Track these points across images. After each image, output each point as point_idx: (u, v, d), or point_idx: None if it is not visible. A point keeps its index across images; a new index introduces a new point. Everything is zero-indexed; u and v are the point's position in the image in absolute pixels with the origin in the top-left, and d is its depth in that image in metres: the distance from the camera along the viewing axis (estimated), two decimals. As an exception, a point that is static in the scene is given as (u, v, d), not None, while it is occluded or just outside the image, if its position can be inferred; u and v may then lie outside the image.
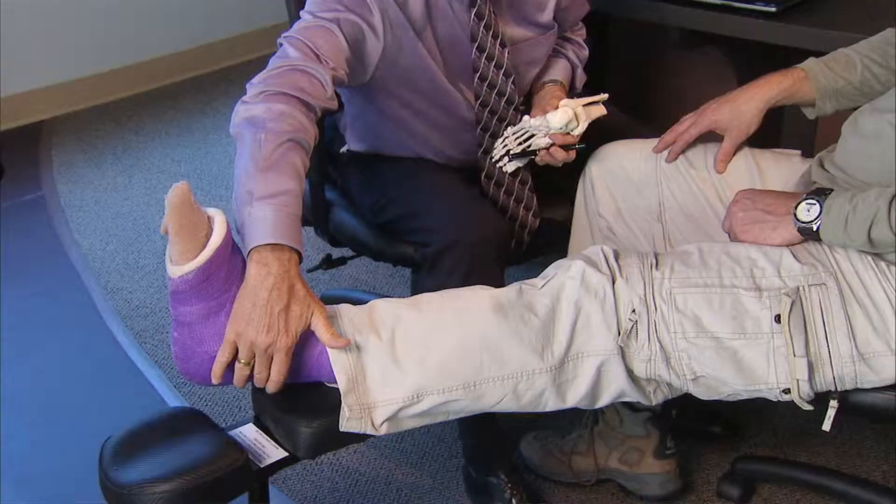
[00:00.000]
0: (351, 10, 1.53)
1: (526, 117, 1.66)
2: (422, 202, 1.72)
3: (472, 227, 1.62)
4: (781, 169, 1.57)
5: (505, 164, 1.71)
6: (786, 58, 1.80)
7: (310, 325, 1.27)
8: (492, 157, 1.71)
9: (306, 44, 1.48)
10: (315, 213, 1.91)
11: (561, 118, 1.61)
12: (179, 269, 1.22)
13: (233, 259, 1.26)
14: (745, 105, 1.59)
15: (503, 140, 1.70)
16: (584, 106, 1.65)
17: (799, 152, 1.62)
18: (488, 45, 1.67)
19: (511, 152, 1.69)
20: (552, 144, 1.64)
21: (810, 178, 1.45)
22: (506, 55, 1.69)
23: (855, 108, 1.47)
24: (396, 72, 1.65)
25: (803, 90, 1.57)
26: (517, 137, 1.68)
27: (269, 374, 1.27)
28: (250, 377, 1.27)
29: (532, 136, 1.66)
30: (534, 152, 1.67)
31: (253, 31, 3.98)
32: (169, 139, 3.40)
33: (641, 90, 2.64)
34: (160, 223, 1.26)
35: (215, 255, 1.23)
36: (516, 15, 1.72)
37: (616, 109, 1.95)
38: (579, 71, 1.89)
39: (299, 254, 1.28)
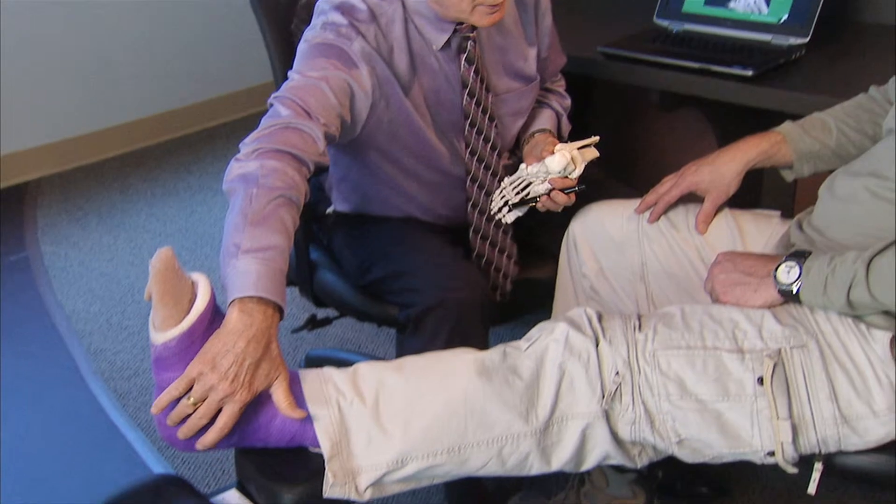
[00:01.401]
0: (338, 68, 1.56)
1: (522, 165, 1.67)
2: (406, 263, 1.73)
3: (457, 288, 1.63)
4: (761, 230, 1.59)
5: (504, 216, 1.70)
6: (764, 119, 1.84)
7: (270, 388, 1.24)
8: (490, 210, 1.71)
9: (296, 102, 1.50)
10: (300, 274, 1.91)
11: (559, 161, 1.62)
12: (162, 335, 1.22)
13: (216, 324, 1.26)
14: (725, 167, 1.62)
15: (501, 191, 1.69)
16: (578, 149, 1.66)
17: (778, 213, 1.64)
18: (478, 90, 1.69)
19: (510, 202, 1.68)
20: (552, 189, 1.63)
21: (789, 240, 1.47)
22: (490, 100, 1.72)
23: (831, 171, 1.49)
24: (384, 128, 1.67)
25: (781, 153, 1.59)
26: (515, 187, 1.67)
27: (210, 425, 1.22)
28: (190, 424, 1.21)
29: (530, 183, 1.66)
30: (534, 199, 1.66)
31: (239, 91, 4.02)
32: (154, 199, 3.41)
33: (624, 151, 2.67)
34: (145, 283, 1.26)
35: (198, 322, 1.23)
36: (501, 66, 1.75)
37: (599, 169, 1.98)
38: (564, 119, 1.92)
39: (282, 311, 1.27)
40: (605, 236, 1.69)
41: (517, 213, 1.70)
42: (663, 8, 2.23)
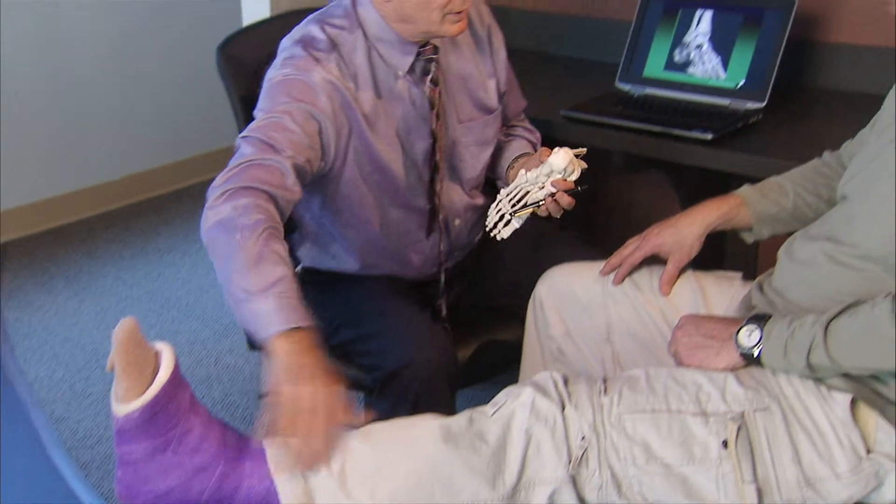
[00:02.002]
0: (300, 100, 1.56)
1: (522, 171, 1.65)
2: (374, 325, 1.73)
3: (423, 352, 1.63)
4: (723, 291, 1.61)
5: (500, 231, 1.65)
6: (725, 181, 1.88)
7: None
8: (486, 227, 1.68)
9: (260, 139, 1.51)
10: (266, 339, 1.90)
11: (563, 158, 1.60)
12: (125, 407, 1.21)
13: (180, 394, 1.25)
14: (687, 229, 1.64)
15: (496, 205, 1.65)
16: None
17: (740, 274, 1.66)
18: (444, 112, 1.73)
19: (507, 214, 1.65)
20: (553, 193, 1.62)
21: (751, 302, 1.49)
22: (457, 125, 1.75)
23: (791, 233, 1.52)
24: (350, 158, 1.67)
25: (741, 215, 1.62)
26: (511, 198, 1.64)
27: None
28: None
29: (527, 192, 1.64)
30: (536, 204, 1.63)
31: (207, 152, 4.03)
32: (122, 262, 3.39)
33: (589, 211, 2.71)
34: (110, 348, 1.26)
35: (161, 393, 1.22)
36: (464, 94, 1.78)
37: (565, 233, 2.01)
38: (539, 147, 1.94)
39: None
40: (571, 298, 1.70)
41: (515, 224, 1.65)
42: (625, 72, 2.28)
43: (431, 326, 1.72)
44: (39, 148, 3.59)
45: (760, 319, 1.33)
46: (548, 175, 1.62)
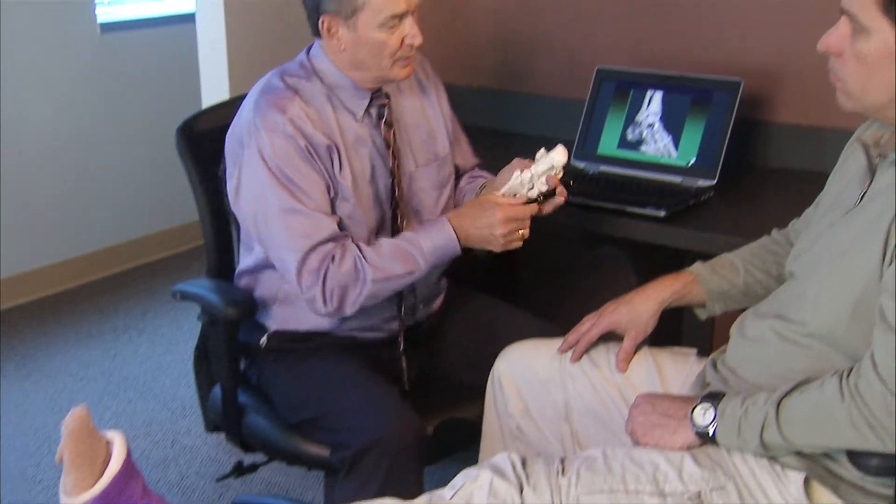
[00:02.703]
0: (298, 170, 1.68)
1: (516, 173, 1.74)
2: (341, 401, 1.73)
3: (394, 427, 1.63)
4: (679, 368, 1.63)
5: None
6: (680, 257, 1.91)
7: None
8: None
9: (308, 248, 1.66)
10: (227, 419, 1.88)
11: (563, 153, 1.73)
12: (73, 501, 1.18)
13: (132, 485, 1.23)
14: (642, 306, 1.66)
15: None
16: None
17: (695, 351, 1.68)
18: (400, 153, 1.82)
19: None
20: (542, 192, 1.73)
21: (705, 379, 1.51)
22: (413, 167, 1.85)
23: (743, 310, 1.55)
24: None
25: (694, 292, 1.65)
26: None
27: None
28: None
29: (514, 195, 1.73)
30: (535, 200, 1.72)
31: (163, 231, 4.02)
32: (78, 341, 3.34)
33: (547, 289, 2.73)
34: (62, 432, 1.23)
35: (111, 486, 1.20)
36: (417, 139, 1.87)
37: (524, 310, 2.03)
38: None
39: None
40: (529, 376, 1.71)
41: None
42: (580, 150, 2.32)
43: (401, 401, 1.72)
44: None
45: (714, 398, 1.34)
46: (545, 172, 1.72)
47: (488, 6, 2.67)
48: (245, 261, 1.87)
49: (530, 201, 1.73)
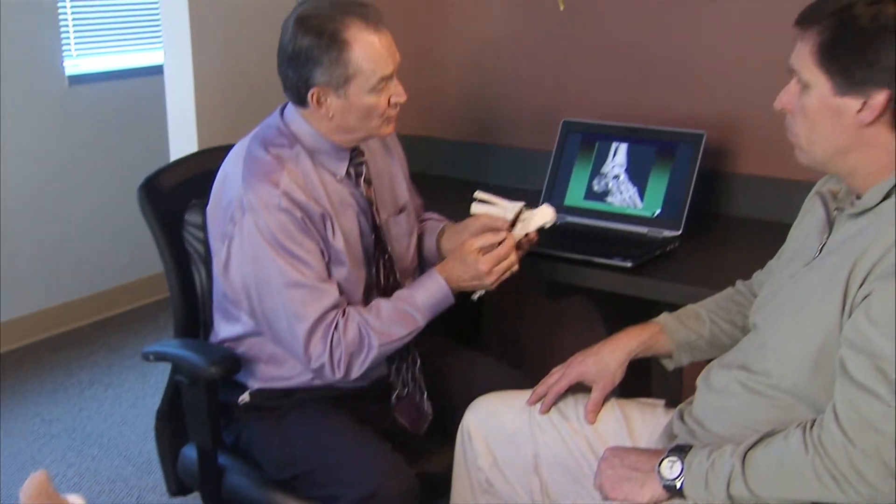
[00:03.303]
0: (295, 241, 1.68)
1: (510, 204, 1.82)
2: (334, 454, 1.72)
3: (389, 480, 1.63)
4: (647, 419, 1.63)
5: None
6: (647, 307, 1.93)
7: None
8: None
9: (316, 319, 1.68)
10: (204, 482, 1.84)
11: (552, 212, 1.82)
12: (32, 566, 1.15)
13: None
14: (610, 357, 1.67)
15: None
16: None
17: (663, 402, 1.69)
18: (380, 209, 1.84)
19: None
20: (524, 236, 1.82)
21: (672, 431, 1.51)
22: (389, 219, 1.89)
23: (710, 360, 1.56)
24: None
25: (661, 342, 1.67)
26: None
27: None
28: None
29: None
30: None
31: (130, 282, 3.98)
32: (42, 396, 3.28)
33: (516, 340, 2.74)
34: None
35: (72, 552, 1.17)
36: (389, 190, 1.90)
37: (493, 360, 2.03)
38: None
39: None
40: (498, 428, 1.71)
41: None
42: (546, 201, 2.34)
43: (392, 456, 1.72)
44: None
45: (681, 451, 1.35)
46: (537, 227, 1.82)
47: (458, 60, 2.71)
48: (227, 331, 1.85)
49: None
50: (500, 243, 1.77)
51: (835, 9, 1.28)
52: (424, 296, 1.76)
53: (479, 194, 1.87)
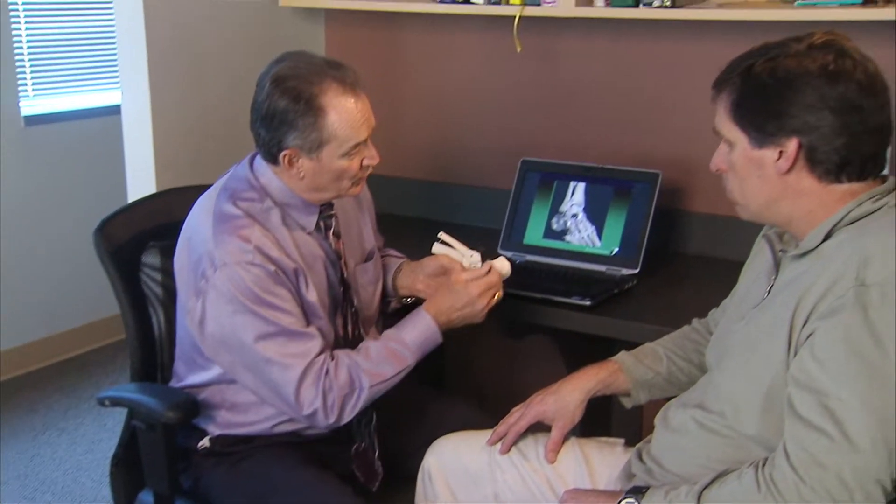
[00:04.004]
0: (271, 293, 1.67)
1: (473, 254, 1.84)
2: (292, 500, 1.71)
3: None
4: (605, 458, 1.64)
5: None
6: (606, 344, 1.95)
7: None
8: None
9: (304, 366, 1.67)
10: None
11: (507, 263, 1.84)
12: None
13: None
14: (569, 396, 1.69)
15: None
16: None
17: (622, 441, 1.71)
18: (349, 261, 1.85)
19: None
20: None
21: (631, 470, 1.52)
22: (356, 269, 1.90)
23: (668, 398, 1.58)
24: None
25: (619, 381, 1.68)
26: None
27: None
28: None
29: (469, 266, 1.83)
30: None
31: (86, 325, 3.94)
32: (-7, 442, 3.22)
33: (478, 380, 2.75)
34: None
35: None
36: (356, 240, 1.91)
37: (456, 400, 2.03)
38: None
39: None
40: (459, 468, 1.71)
41: None
42: (506, 240, 2.37)
43: (354, 497, 1.71)
44: None
45: (639, 492, 1.36)
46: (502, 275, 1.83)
47: (422, 103, 2.75)
48: (193, 378, 1.83)
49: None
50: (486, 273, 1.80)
51: (739, 69, 1.36)
52: (413, 334, 1.76)
53: (442, 235, 1.89)
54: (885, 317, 1.21)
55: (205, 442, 1.82)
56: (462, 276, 1.79)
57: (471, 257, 1.85)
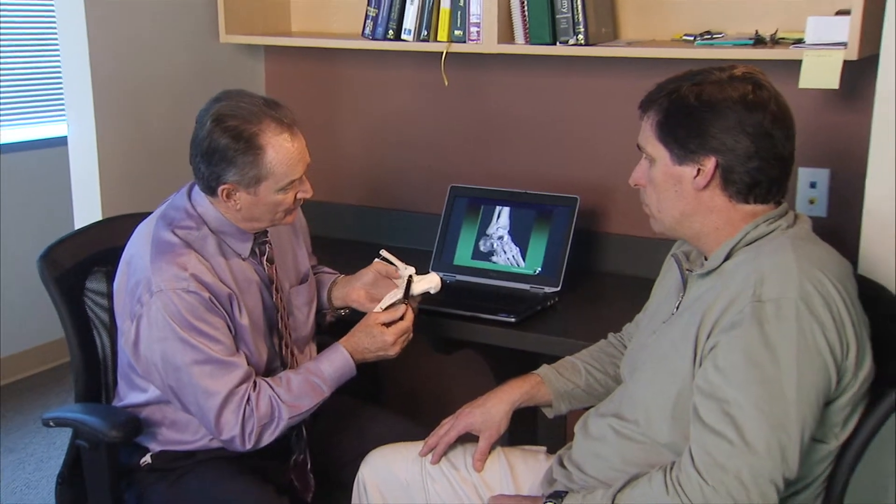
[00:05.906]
0: (203, 320, 1.65)
1: (394, 292, 1.83)
2: None
3: None
4: (530, 466, 1.65)
5: None
6: (532, 358, 1.96)
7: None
8: None
9: (228, 393, 1.65)
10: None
11: (437, 278, 1.86)
12: None
13: None
14: (494, 408, 1.69)
15: None
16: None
17: (544, 449, 1.72)
18: (281, 286, 1.83)
19: None
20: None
21: (552, 475, 1.53)
22: (290, 292, 1.88)
23: (588, 408, 1.60)
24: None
25: (541, 393, 1.70)
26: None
27: None
28: None
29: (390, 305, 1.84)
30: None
31: (35, 347, 3.83)
32: (-60, 467, 3.10)
33: (412, 393, 2.74)
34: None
35: None
36: (290, 264, 1.91)
37: (390, 413, 2.02)
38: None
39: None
40: (392, 479, 1.70)
41: None
42: (437, 261, 2.37)
43: None
44: None
45: (558, 496, 1.37)
46: (422, 293, 1.85)
47: (357, 132, 2.74)
48: (132, 398, 1.80)
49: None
50: (401, 318, 1.80)
51: (667, 91, 1.39)
52: (331, 368, 1.76)
53: (384, 252, 1.89)
54: (779, 330, 1.24)
55: (147, 458, 1.79)
56: (380, 318, 1.79)
57: (405, 269, 1.85)
